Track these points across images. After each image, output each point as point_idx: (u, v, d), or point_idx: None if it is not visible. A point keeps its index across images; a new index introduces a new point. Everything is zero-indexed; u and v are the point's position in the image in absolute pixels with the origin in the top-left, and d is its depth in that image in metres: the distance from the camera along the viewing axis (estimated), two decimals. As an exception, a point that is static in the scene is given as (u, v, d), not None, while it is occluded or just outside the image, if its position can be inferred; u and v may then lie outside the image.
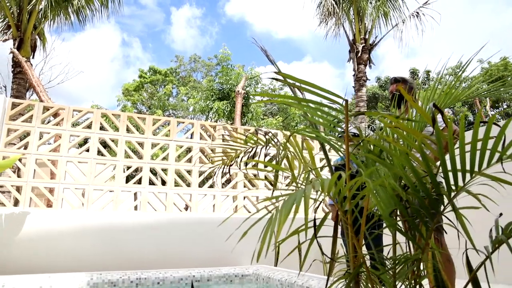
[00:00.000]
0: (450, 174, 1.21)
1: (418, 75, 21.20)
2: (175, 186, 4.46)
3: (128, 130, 4.43)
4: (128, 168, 4.41)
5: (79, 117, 4.22)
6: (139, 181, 4.41)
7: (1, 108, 3.86)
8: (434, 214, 1.30)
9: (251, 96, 10.05)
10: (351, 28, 8.89)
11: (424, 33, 8.93)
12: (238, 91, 6.89)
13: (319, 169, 1.51)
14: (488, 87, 1.70)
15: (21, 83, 6.36)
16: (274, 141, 1.72)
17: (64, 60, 27.83)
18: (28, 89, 6.72)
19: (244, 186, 4.73)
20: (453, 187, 1.26)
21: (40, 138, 4.01)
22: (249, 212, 4.67)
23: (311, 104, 1.37)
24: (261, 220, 1.10)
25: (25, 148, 3.95)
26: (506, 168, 1.25)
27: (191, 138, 4.75)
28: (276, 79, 1.48)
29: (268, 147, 1.79)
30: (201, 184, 4.67)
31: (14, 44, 6.61)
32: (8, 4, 6.71)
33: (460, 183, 1.21)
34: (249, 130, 4.96)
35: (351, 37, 8.84)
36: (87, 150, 4.25)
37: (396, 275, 1.33)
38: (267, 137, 1.78)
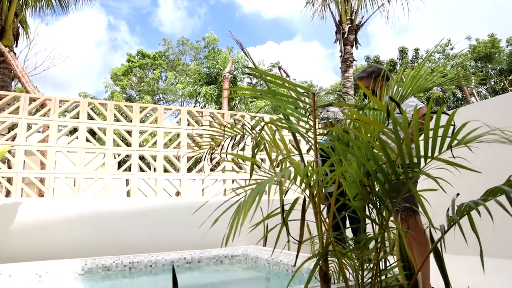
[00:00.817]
0: (415, 159, 1.32)
1: (407, 54, 21.26)
2: (165, 172, 4.56)
3: (116, 118, 4.48)
4: (118, 155, 4.48)
5: (66, 107, 4.26)
6: (129, 168, 4.50)
7: (-13, 100, 3.88)
8: (394, 198, 1.42)
9: (238, 80, 10.07)
10: (337, 8, 8.88)
11: (410, 13, 8.97)
12: (225, 75, 6.91)
13: (297, 156, 1.61)
14: (449, 75, 1.80)
15: (6, 72, 6.31)
16: (250, 130, 1.81)
17: (49, 46, 27.29)
18: (13, 79, 6.66)
19: (232, 170, 4.84)
20: (411, 172, 1.37)
21: (28, 129, 4.05)
22: (238, 195, 4.79)
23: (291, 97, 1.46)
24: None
25: (13, 139, 3.99)
26: (462, 152, 1.37)
27: (178, 124, 4.82)
28: (250, 74, 1.56)
29: (246, 136, 1.88)
30: (190, 170, 4.77)
31: (-5, 33, 6.52)
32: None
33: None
34: (235, 114, 5.03)
35: (337, 18, 8.84)
36: (77, 138, 4.30)
37: (361, 253, 1.46)
38: (245, 126, 1.87)
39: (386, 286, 1.51)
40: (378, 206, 1.43)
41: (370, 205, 1.50)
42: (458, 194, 1.72)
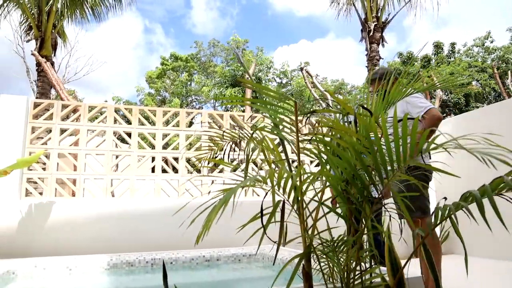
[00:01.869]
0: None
1: (442, 48, 20.43)
2: (188, 173, 4.76)
3: (141, 122, 4.73)
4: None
5: (94, 113, 4.55)
6: (152, 170, 4.73)
7: (25, 108, 4.24)
8: (371, 201, 1.48)
9: (263, 81, 10.17)
10: (363, 6, 8.76)
11: (441, 6, 8.69)
12: (247, 77, 7.03)
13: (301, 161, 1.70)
14: (441, 79, 1.81)
15: (45, 80, 6.80)
16: (245, 134, 1.91)
17: (89, 52, 28.70)
18: (52, 87, 7.15)
19: (252, 170, 4.95)
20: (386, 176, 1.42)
21: (61, 134, 4.38)
22: (258, 195, 4.90)
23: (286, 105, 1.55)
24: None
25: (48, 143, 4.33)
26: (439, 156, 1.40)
27: (201, 126, 5.00)
28: (239, 85, 1.66)
29: (240, 141, 1.99)
30: (212, 171, 4.94)
31: (36, 44, 7.04)
32: (29, 6, 7.11)
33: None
34: (255, 116, 5.15)
35: (362, 16, 8.72)
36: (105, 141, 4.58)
37: (339, 254, 1.53)
38: (242, 130, 1.98)
39: (369, 286, 1.56)
40: (357, 209, 1.49)
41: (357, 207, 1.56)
42: (445, 198, 1.74)
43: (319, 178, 1.47)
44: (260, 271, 3.99)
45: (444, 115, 18.37)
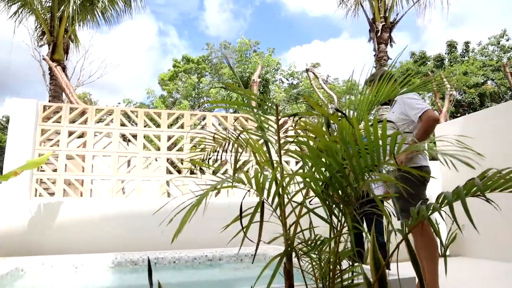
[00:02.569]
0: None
1: (456, 48, 20.10)
2: (191, 174, 4.84)
3: (146, 124, 4.84)
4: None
5: (101, 115, 4.68)
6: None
7: (35, 111, 4.39)
8: (348, 202, 1.51)
9: (271, 83, 10.21)
10: (371, 6, 8.71)
11: (450, 6, 8.61)
12: (254, 79, 7.13)
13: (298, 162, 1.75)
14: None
15: (57, 84, 7.00)
16: (231, 136, 1.97)
17: (103, 54, 29.27)
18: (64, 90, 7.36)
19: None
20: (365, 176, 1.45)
21: (69, 136, 4.52)
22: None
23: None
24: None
25: (57, 145, 4.47)
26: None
27: (206, 129, 5.08)
28: (225, 88, 1.72)
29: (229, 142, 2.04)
30: (215, 173, 5.01)
31: (49, 49, 7.26)
32: (42, 12, 7.33)
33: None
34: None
35: (370, 16, 8.68)
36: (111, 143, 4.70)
37: (320, 253, 1.57)
38: (228, 134, 2.04)
39: (348, 285, 1.59)
40: (336, 209, 1.52)
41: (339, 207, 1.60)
42: (427, 200, 1.76)
43: (296, 179, 1.52)
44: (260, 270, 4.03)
45: (458, 115, 18.05)
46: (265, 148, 1.79)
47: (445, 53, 20.16)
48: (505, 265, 4.47)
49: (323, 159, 1.45)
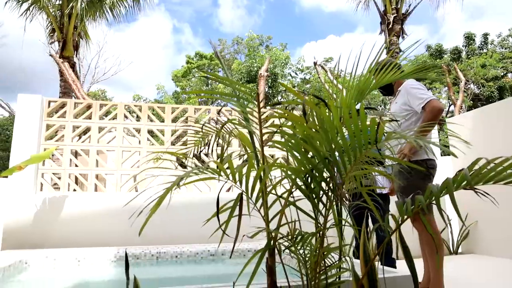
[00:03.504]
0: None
1: (474, 40, 19.49)
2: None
3: (149, 118, 4.83)
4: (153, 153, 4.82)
5: (105, 110, 4.70)
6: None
7: (40, 106, 4.43)
8: (323, 195, 1.44)
9: (280, 77, 10.10)
10: (382, -3, 8.50)
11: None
12: (261, 73, 7.03)
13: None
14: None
15: (67, 80, 7.08)
16: (214, 127, 1.92)
17: (118, 52, 29.62)
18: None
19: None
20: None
21: (74, 131, 4.55)
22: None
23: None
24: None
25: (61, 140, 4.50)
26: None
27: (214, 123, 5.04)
28: (206, 77, 1.66)
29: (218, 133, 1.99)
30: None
31: (59, 46, 7.34)
32: (52, 10, 7.42)
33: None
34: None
35: (382, 8, 8.45)
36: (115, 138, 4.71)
37: (305, 249, 1.50)
38: (217, 126, 1.98)
39: (333, 282, 1.52)
40: (318, 203, 1.45)
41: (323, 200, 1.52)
42: (418, 192, 1.67)
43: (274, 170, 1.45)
44: (263, 265, 3.98)
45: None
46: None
47: (463, 46, 19.57)
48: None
49: (305, 150, 1.38)
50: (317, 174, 1.38)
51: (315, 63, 8.63)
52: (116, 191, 4.51)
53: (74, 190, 4.46)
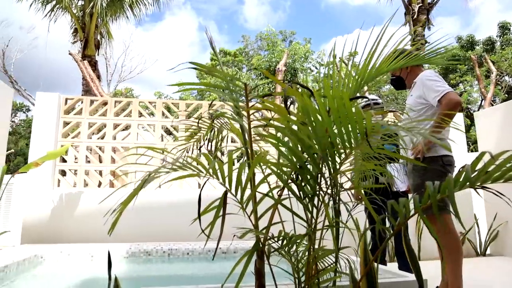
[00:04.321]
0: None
1: (509, 30, 18.42)
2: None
3: (163, 115, 4.83)
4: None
5: (119, 107, 4.72)
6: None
7: (57, 104, 4.51)
8: (313, 194, 1.32)
9: (299, 72, 9.90)
10: (407, -13, 8.12)
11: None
12: (278, 68, 6.88)
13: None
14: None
15: (86, 78, 7.22)
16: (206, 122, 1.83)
17: (145, 51, 30.23)
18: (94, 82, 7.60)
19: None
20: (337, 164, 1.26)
21: (89, 128, 4.60)
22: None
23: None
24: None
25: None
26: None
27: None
28: (196, 68, 1.58)
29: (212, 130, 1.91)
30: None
31: (81, 45, 7.51)
32: (74, 10, 7.59)
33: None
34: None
35: (406, -1, 8.09)
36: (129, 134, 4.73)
37: (293, 251, 1.39)
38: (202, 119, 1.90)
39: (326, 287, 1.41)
40: (308, 202, 1.34)
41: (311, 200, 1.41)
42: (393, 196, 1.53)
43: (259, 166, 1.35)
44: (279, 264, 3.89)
45: None
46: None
47: (497, 36, 18.55)
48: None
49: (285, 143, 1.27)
50: (304, 171, 1.27)
51: (334, 57, 8.36)
52: (131, 188, 4.53)
53: (87, 185, 4.52)
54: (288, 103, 1.23)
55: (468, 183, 1.10)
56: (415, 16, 7.73)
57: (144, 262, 3.86)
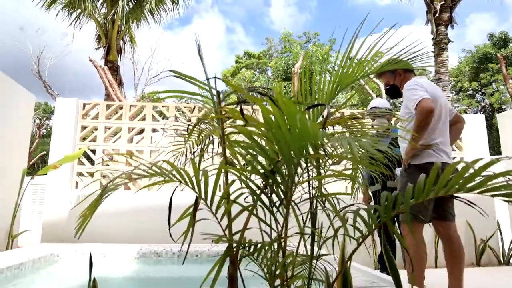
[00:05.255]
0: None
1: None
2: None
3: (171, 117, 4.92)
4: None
5: (134, 111, 4.87)
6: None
7: (75, 109, 4.70)
8: (281, 202, 1.32)
9: (317, 73, 9.79)
10: (429, -15, 7.85)
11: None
12: (294, 70, 6.84)
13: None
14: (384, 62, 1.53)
15: (104, 83, 7.48)
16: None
17: (170, 54, 30.89)
18: (119, 86, 7.86)
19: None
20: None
21: (106, 131, 4.77)
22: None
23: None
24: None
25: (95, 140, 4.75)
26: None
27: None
28: (176, 76, 1.62)
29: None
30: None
31: (104, 51, 7.79)
32: (98, 17, 7.89)
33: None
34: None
35: (428, -4, 7.81)
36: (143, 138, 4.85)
37: (262, 258, 1.40)
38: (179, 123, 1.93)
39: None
40: (275, 208, 1.34)
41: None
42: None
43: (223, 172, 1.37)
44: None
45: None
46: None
47: (533, 33, 17.60)
48: None
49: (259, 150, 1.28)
50: (269, 179, 1.27)
51: (349, 59, 8.22)
52: (146, 190, 4.65)
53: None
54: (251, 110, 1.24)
55: (433, 192, 1.08)
56: (437, 14, 7.47)
57: (154, 263, 3.95)
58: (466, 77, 18.54)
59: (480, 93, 18.31)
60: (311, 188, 1.49)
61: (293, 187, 1.26)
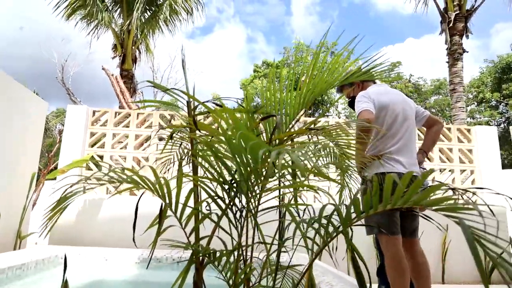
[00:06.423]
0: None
1: None
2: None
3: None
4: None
5: (142, 119, 4.99)
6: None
7: (85, 116, 4.87)
8: (241, 212, 1.34)
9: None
10: (443, -6, 7.75)
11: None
12: (302, 80, 6.80)
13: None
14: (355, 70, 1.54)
15: (116, 91, 7.70)
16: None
17: (191, 63, 31.45)
18: (132, 95, 8.08)
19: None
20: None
21: (113, 138, 4.91)
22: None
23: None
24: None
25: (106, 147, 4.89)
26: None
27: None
28: (154, 86, 1.68)
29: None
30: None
31: (119, 60, 8.03)
32: (114, 27, 8.16)
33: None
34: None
35: (442, 6, 7.69)
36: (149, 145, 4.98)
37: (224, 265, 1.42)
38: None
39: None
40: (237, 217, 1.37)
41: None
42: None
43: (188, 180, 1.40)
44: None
45: None
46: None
47: (560, 42, 16.97)
48: None
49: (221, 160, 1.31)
50: (228, 187, 1.30)
51: (360, 68, 8.17)
52: (150, 196, 4.74)
53: (109, 192, 4.79)
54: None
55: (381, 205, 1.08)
56: (451, 24, 7.34)
57: (154, 269, 4.01)
58: (488, 87, 18.04)
59: (503, 104, 17.76)
60: (280, 198, 1.51)
61: (252, 197, 1.28)
